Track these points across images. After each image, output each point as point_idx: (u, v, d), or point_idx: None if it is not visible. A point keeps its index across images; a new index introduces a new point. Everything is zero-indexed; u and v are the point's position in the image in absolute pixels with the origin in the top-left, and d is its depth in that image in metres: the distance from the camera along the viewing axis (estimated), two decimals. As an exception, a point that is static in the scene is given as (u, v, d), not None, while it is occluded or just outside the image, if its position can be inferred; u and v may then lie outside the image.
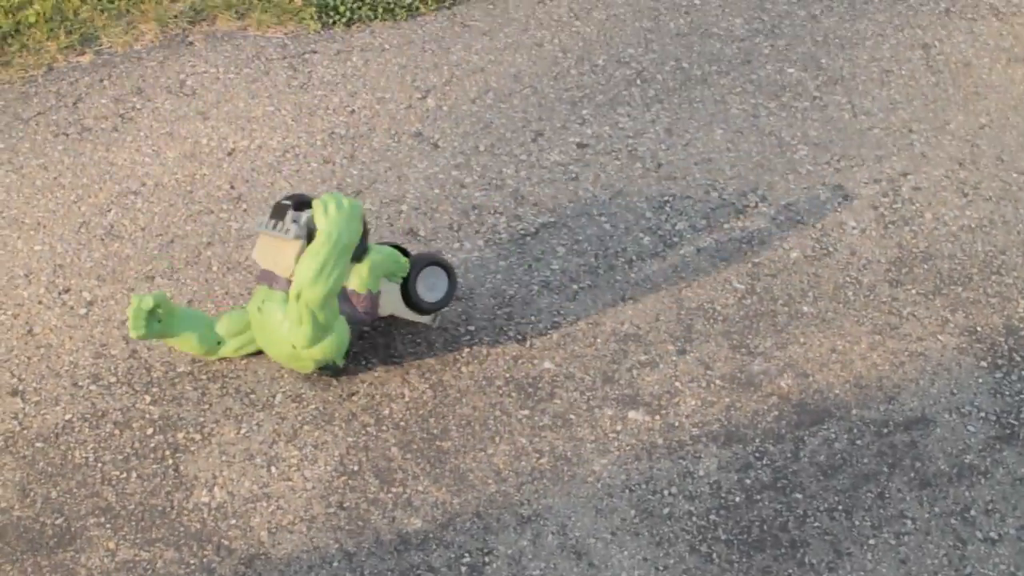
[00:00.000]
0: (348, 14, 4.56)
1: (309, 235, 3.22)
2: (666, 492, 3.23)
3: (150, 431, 3.32)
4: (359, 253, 3.26)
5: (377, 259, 3.28)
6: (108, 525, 3.16)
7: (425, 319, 3.44)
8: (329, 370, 3.32)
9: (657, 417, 3.37)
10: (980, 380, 3.46)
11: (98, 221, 3.80)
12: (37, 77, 4.32)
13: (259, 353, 3.45)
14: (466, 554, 3.11)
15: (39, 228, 3.79)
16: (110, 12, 4.56)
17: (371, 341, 3.49)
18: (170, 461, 3.26)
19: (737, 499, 3.22)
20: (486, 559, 3.10)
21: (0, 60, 4.37)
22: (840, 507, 3.23)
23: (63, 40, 4.44)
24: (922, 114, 4.26)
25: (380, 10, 4.58)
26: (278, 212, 3.26)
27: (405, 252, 3.43)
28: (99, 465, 3.26)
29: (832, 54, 4.48)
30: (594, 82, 4.33)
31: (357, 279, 3.27)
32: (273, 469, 3.24)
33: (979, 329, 3.58)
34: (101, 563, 3.09)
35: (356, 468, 3.24)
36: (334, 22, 4.55)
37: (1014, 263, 3.75)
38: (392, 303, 3.36)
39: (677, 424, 3.35)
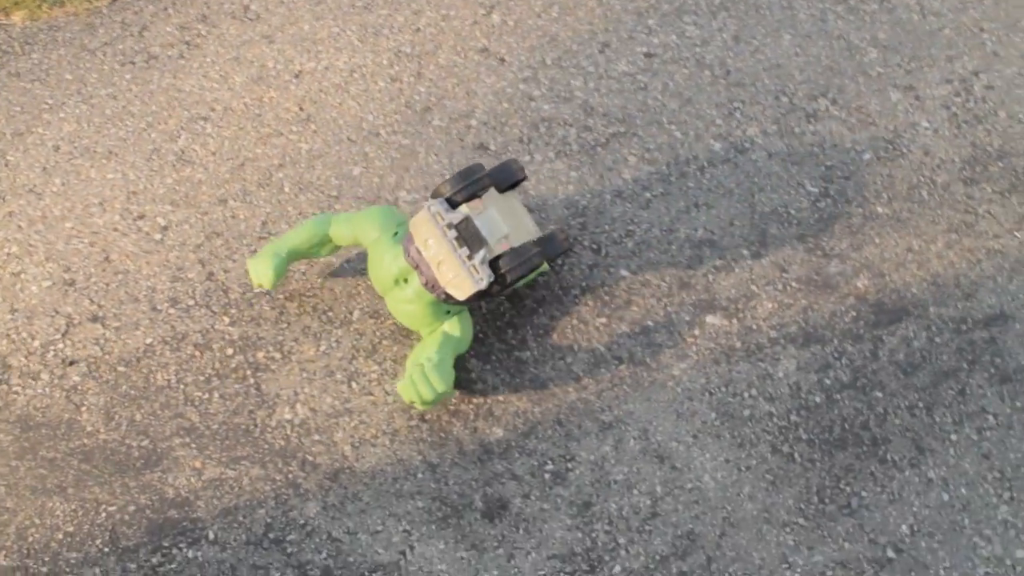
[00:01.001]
0: (408, -67, 4.54)
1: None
2: (746, 394, 3.22)
3: (230, 351, 3.35)
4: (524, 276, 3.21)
5: (528, 279, 3.29)
6: (193, 445, 3.19)
7: None
8: None
9: (734, 320, 3.36)
10: (1061, 273, 3.43)
11: (169, 147, 3.82)
12: (101, 8, 4.33)
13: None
14: (549, 461, 3.12)
15: (111, 156, 3.81)
16: (171, -59, 4.57)
17: (446, 255, 3.50)
18: (251, 380, 3.29)
19: (817, 399, 3.22)
20: (569, 465, 3.11)
21: (65, -7, 4.39)
22: (921, 404, 3.21)
23: (126, -29, 4.45)
24: (992, 12, 4.20)
25: (440, -72, 4.56)
26: (469, 233, 3.15)
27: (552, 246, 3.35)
28: (181, 387, 3.29)
29: (898, -46, 4.43)
30: (658, -8, 4.30)
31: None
32: (354, 384, 3.26)
33: (1058, 223, 3.55)
34: (188, 482, 3.12)
35: (436, 380, 3.26)
36: (394, -58, 4.53)
37: (1092, 156, 3.71)
38: None
39: (755, 327, 3.35)
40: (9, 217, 3.66)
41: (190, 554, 3.03)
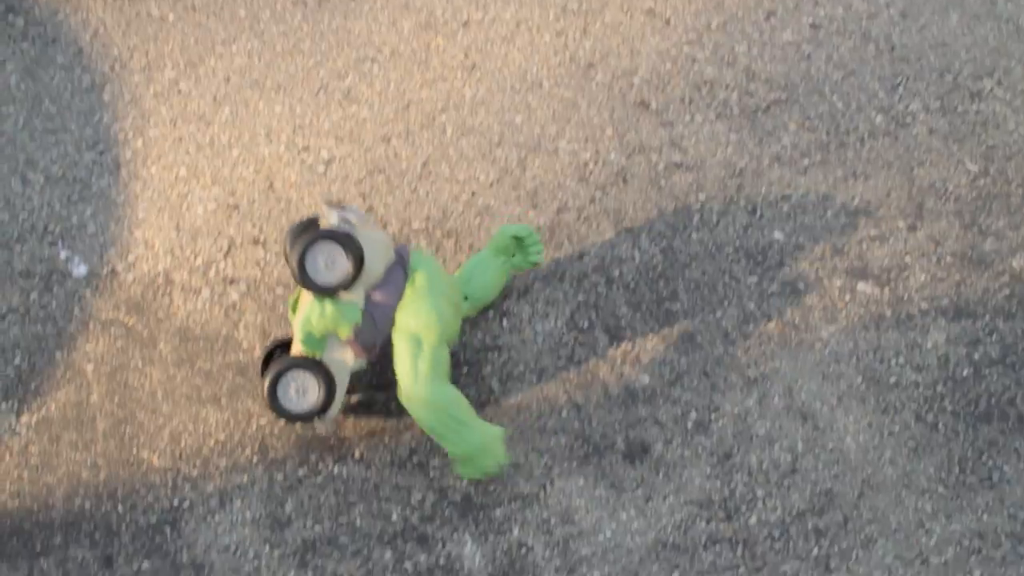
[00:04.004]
0: None
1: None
2: (893, 362, 3.22)
3: (386, 282, 3.41)
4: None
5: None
6: (344, 368, 3.26)
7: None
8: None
9: (886, 289, 3.36)
10: None
11: (336, 85, 3.90)
12: (278, -50, 4.43)
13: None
14: (693, 410, 3.15)
15: (279, 90, 3.90)
16: None
17: (602, 205, 3.53)
18: (405, 310, 3.35)
19: (965, 372, 3.21)
20: (712, 416, 3.14)
21: (243, -67, 4.49)
22: (1071, 385, 3.20)
23: (303, -85, 4.54)
24: None
25: None
26: None
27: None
28: (336, 312, 3.36)
29: (1074, -55, 4.38)
30: (827, -34, 4.30)
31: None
32: (505, 322, 3.31)
33: None
34: (337, 403, 3.19)
35: (586, 325, 3.30)
36: (567, -97, 4.58)
37: None
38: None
39: (906, 297, 3.34)
40: (179, 141, 3.76)
41: (336, 470, 3.10)
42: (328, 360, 3.03)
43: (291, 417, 3.03)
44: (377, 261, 3.00)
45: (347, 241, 2.99)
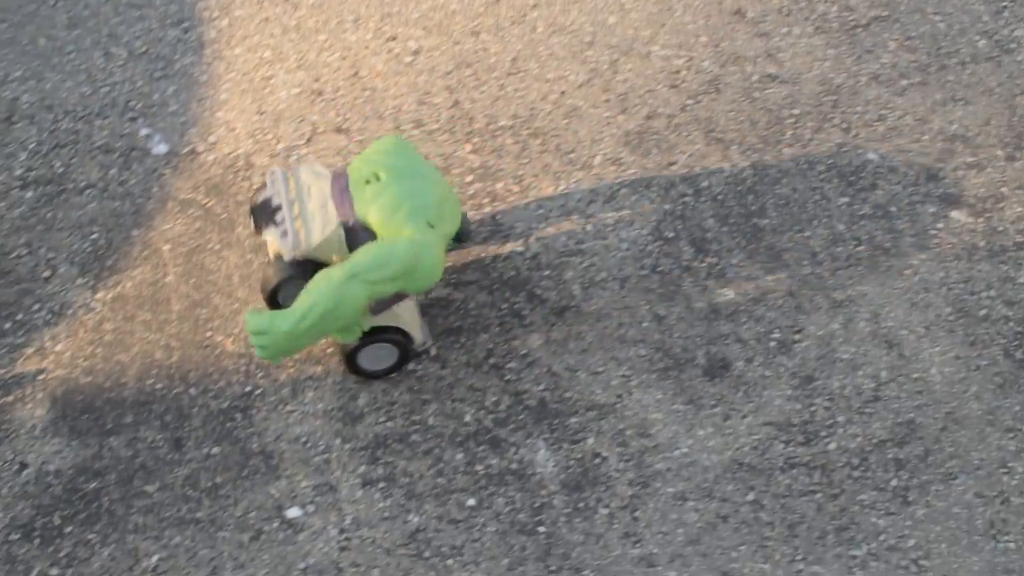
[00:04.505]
0: None
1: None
2: (984, 294, 3.15)
3: (469, 179, 3.36)
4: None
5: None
6: (423, 264, 3.21)
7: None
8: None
9: (981, 219, 3.28)
10: None
11: (427, -25, 3.83)
12: None
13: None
14: (776, 330, 3.09)
15: (369, -24, 3.83)
16: None
17: (693, 113, 3.46)
18: (488, 209, 3.30)
19: (1057, 310, 3.14)
20: (795, 337, 3.08)
21: None
22: None
23: None
24: None
25: None
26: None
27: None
28: (418, 207, 3.30)
29: None
30: None
31: None
32: (589, 227, 3.26)
33: None
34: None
35: (672, 235, 3.24)
36: None
37: None
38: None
39: (1001, 229, 3.26)
40: (265, 23, 3.70)
41: (410, 367, 3.07)
42: (391, 313, 2.95)
43: (371, 376, 3.05)
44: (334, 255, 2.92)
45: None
